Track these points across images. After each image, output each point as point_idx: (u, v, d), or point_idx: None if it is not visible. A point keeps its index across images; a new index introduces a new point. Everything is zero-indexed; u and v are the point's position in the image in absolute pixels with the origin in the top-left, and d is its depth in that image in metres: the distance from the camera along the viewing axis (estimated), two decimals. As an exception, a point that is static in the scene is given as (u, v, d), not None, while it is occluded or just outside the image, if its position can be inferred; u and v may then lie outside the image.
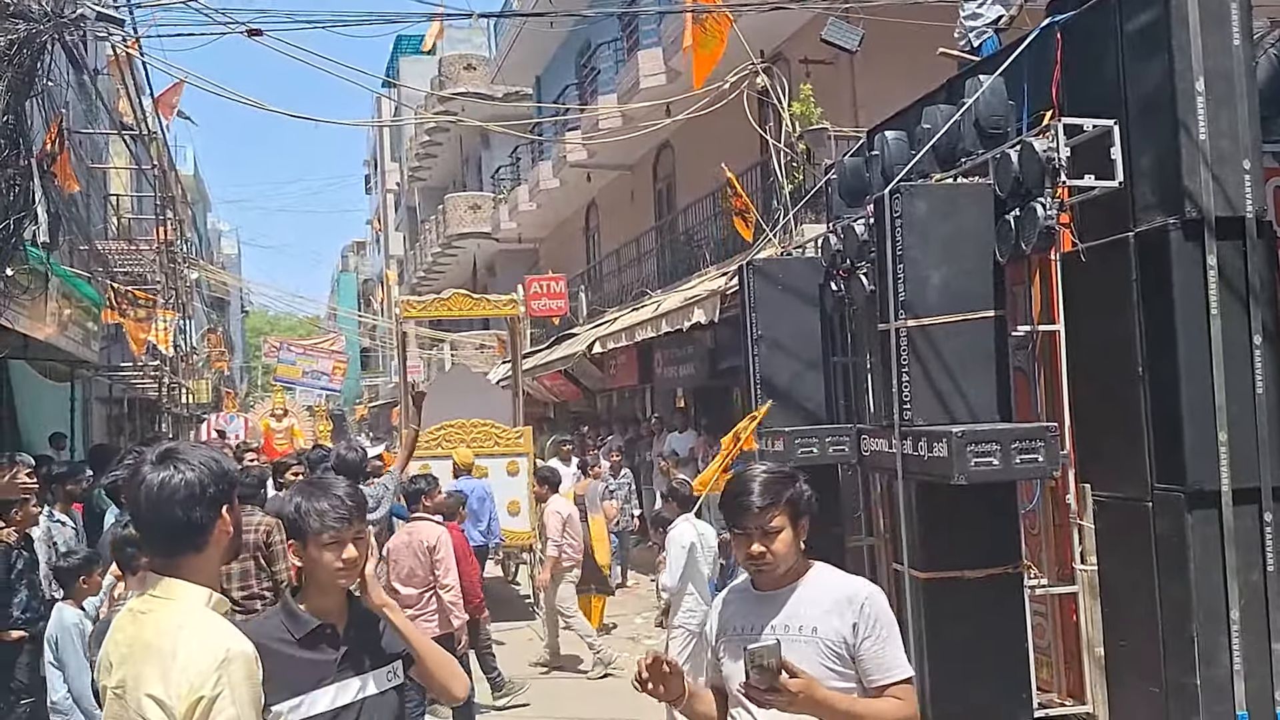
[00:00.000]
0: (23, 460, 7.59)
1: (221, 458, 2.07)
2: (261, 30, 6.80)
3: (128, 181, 19.52)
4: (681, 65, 12.73)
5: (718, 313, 10.12)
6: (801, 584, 2.65)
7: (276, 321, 58.91)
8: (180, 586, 1.98)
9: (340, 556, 2.37)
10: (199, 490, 1.98)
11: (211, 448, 2.15)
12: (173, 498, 1.96)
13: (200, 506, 1.98)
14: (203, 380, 27.54)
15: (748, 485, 2.62)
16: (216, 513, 2.00)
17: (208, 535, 2.00)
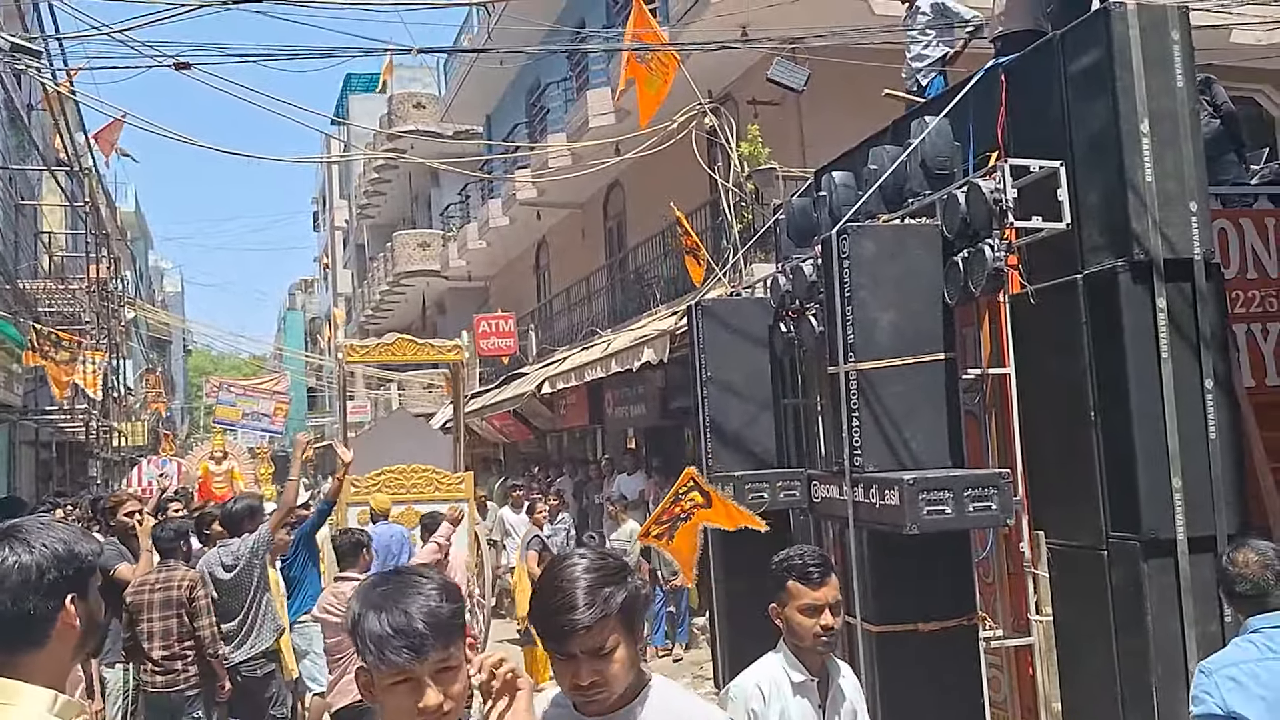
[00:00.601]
0: None
1: (75, 538, 1.80)
2: (190, 64, 6.57)
3: (62, 219, 18.97)
4: (631, 105, 12.70)
5: (668, 352, 9.98)
6: (640, 708, 2.05)
7: (220, 361, 57.76)
8: (18, 690, 1.70)
9: (418, 703, 1.70)
10: (35, 576, 1.71)
11: (67, 527, 1.87)
12: (2, 584, 1.71)
13: (35, 596, 1.71)
14: (138, 422, 26.73)
15: (569, 598, 1.95)
16: (58, 603, 1.73)
17: (47, 629, 1.73)
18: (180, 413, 50.59)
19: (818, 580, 3.03)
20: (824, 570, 3.04)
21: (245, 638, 5.78)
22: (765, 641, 6.74)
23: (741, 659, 6.81)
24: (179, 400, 50.85)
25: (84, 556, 1.79)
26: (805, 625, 3.05)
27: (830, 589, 3.03)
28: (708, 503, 6.06)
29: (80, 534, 1.85)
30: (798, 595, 3.04)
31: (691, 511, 6.08)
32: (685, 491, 6.19)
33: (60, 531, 1.80)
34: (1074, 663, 4.60)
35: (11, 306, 12.38)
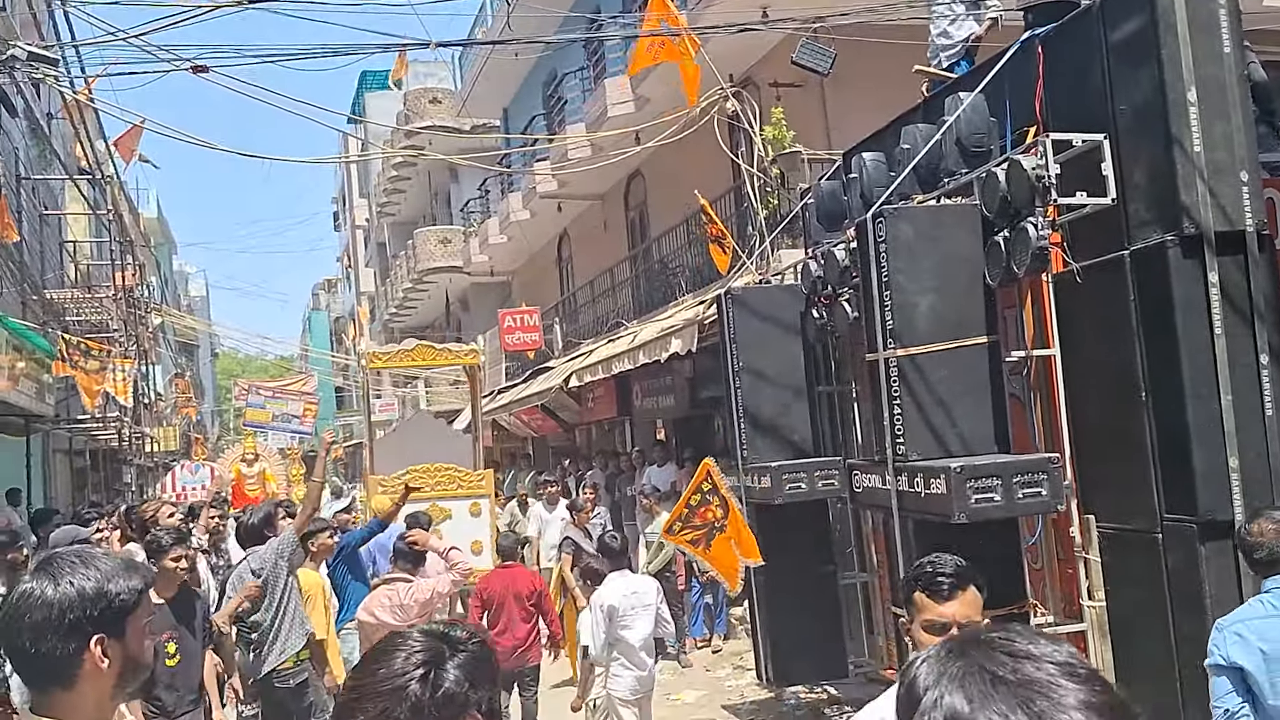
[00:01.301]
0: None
1: (111, 575, 1.70)
2: (208, 67, 6.53)
3: (86, 227, 19.08)
4: (650, 92, 12.58)
5: (696, 342, 9.87)
6: None
7: (248, 363, 58.22)
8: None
9: None
10: (55, 615, 1.63)
11: (109, 560, 1.76)
12: (22, 622, 1.64)
13: (55, 636, 1.63)
14: (170, 427, 26.94)
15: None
16: (81, 644, 1.64)
17: (72, 670, 1.65)
18: (210, 416, 51.06)
19: (946, 593, 2.55)
20: (956, 582, 2.56)
21: (274, 642, 5.70)
22: (806, 631, 6.69)
23: (782, 649, 6.78)
24: (209, 404, 51.33)
25: (115, 595, 1.69)
26: (928, 645, 2.71)
27: (963, 605, 2.53)
28: (726, 510, 5.97)
29: (122, 569, 1.74)
30: (923, 609, 2.56)
31: (723, 523, 5.98)
32: (710, 492, 6.09)
33: (98, 567, 1.71)
34: (1129, 649, 4.49)
35: (40, 317, 12.46)
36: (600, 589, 5.65)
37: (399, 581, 5.43)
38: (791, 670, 6.86)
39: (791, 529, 6.73)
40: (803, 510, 6.64)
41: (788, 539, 6.75)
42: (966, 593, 2.55)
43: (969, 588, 2.56)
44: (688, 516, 6.20)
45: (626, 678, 5.49)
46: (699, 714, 7.34)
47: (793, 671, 6.89)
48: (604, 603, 5.44)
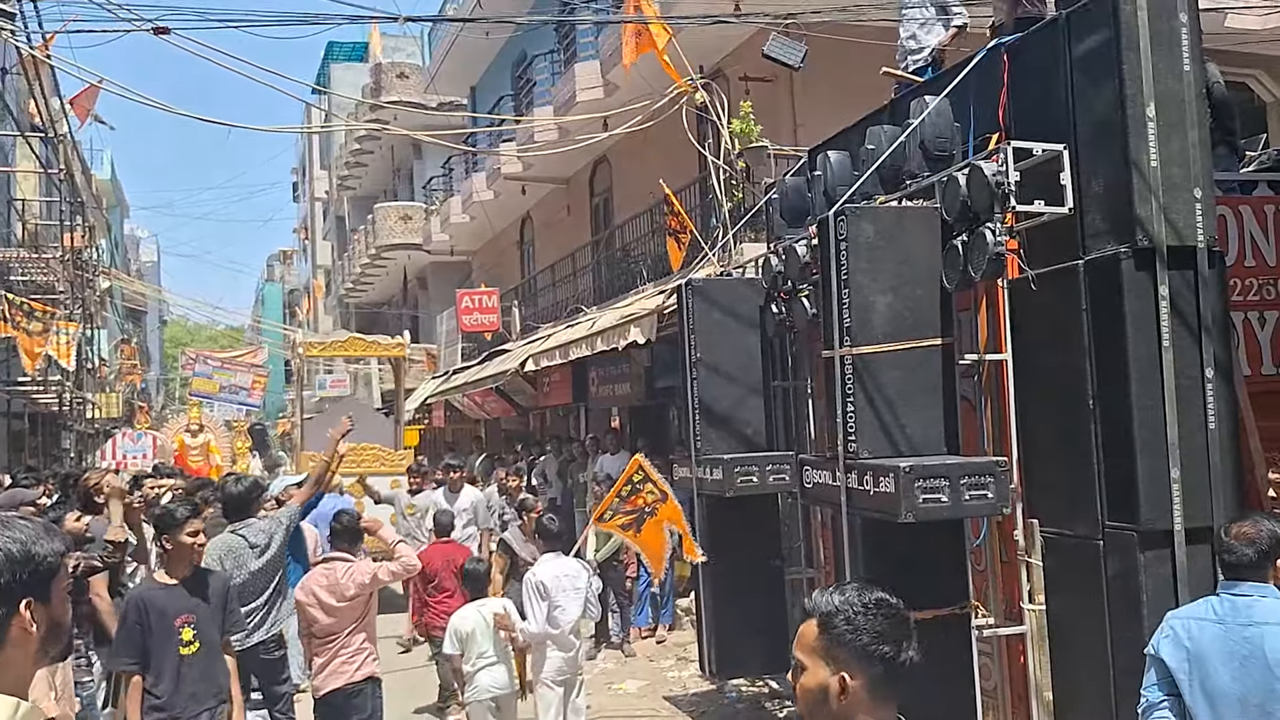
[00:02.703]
0: None
1: (35, 538, 1.67)
2: (169, 28, 6.36)
3: (36, 186, 18.58)
4: (619, 79, 12.52)
5: (655, 332, 9.87)
6: None
7: (197, 332, 57.11)
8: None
9: None
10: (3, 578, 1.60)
11: (29, 524, 1.72)
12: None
13: (2, 594, 1.60)
14: (113, 394, 26.36)
15: None
16: (11, 608, 1.61)
17: (4, 634, 1.61)
18: (156, 384, 50.08)
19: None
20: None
21: (265, 618, 5.65)
22: (751, 624, 6.73)
23: (726, 641, 6.82)
24: (154, 372, 50.34)
25: (42, 558, 1.66)
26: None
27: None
28: (664, 498, 6.05)
29: (43, 532, 1.71)
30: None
31: (655, 507, 6.06)
32: (640, 482, 6.16)
33: (19, 530, 1.67)
34: (1067, 652, 4.57)
35: (-17, 276, 12.12)
36: (534, 568, 5.84)
37: (338, 562, 5.36)
38: (734, 662, 6.90)
39: (741, 522, 6.77)
40: (753, 504, 6.68)
41: (737, 532, 6.79)
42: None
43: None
44: (618, 505, 6.27)
45: (554, 659, 5.61)
46: (640, 704, 7.36)
47: (735, 664, 6.93)
48: (538, 580, 5.50)
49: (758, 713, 7.05)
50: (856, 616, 1.84)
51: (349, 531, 5.58)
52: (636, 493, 6.22)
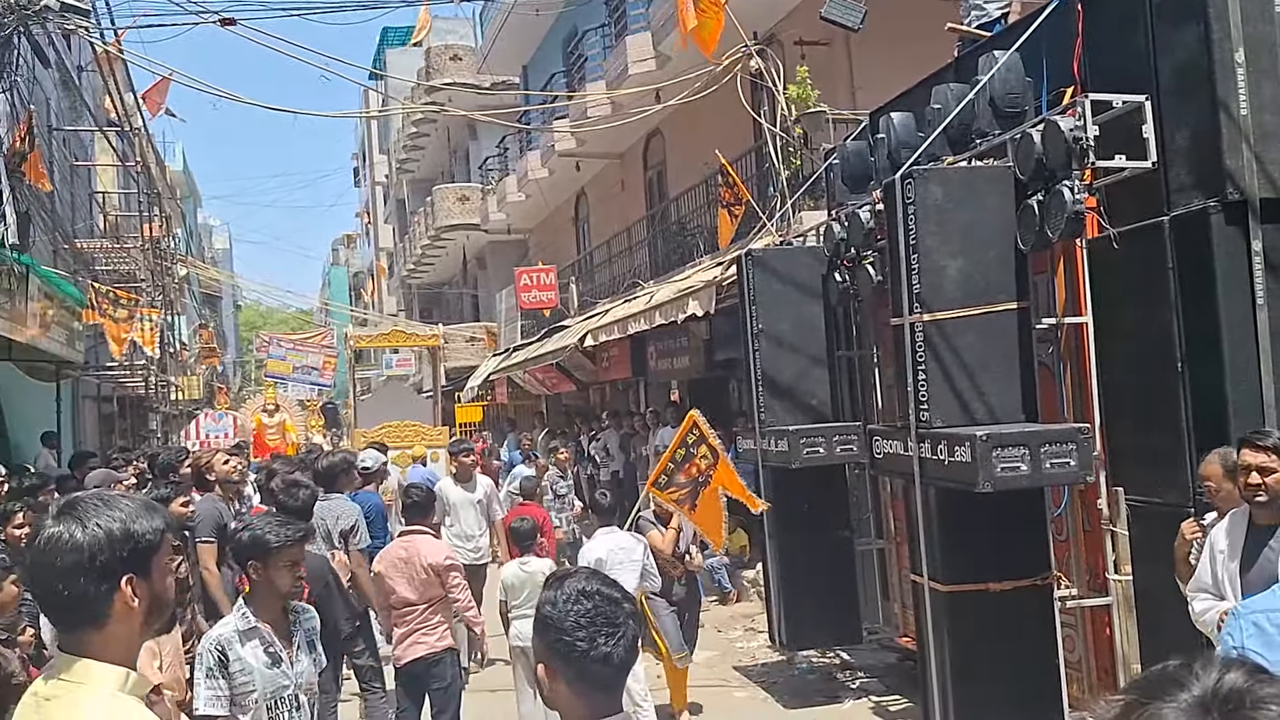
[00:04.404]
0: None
1: (135, 516, 1.69)
2: (235, 20, 6.41)
3: (114, 179, 19.08)
4: (671, 50, 12.35)
5: (714, 304, 9.75)
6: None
7: (269, 315, 58.39)
8: (89, 669, 1.63)
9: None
10: (85, 558, 1.63)
11: (131, 501, 1.75)
12: (53, 565, 1.63)
13: (85, 578, 1.63)
14: (194, 376, 27.09)
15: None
16: (113, 584, 1.64)
17: (104, 610, 1.64)
18: (232, 367, 51.35)
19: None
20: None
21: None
22: (821, 595, 6.65)
23: (796, 613, 6.74)
24: (230, 354, 51.59)
25: (141, 535, 1.69)
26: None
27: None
28: (715, 459, 5.95)
29: (143, 509, 1.73)
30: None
31: (709, 473, 5.96)
32: (695, 444, 6.08)
33: (119, 509, 1.69)
34: (1155, 624, 4.41)
35: (71, 266, 12.47)
36: (588, 543, 5.86)
37: (417, 535, 5.42)
38: (804, 634, 6.83)
39: (808, 493, 6.68)
40: (820, 475, 6.57)
41: (804, 504, 6.69)
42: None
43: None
44: (672, 472, 6.21)
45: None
46: (710, 673, 7.32)
47: (806, 635, 6.86)
48: (592, 556, 5.49)
49: (829, 683, 6.97)
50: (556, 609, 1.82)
51: (420, 506, 5.62)
52: (690, 458, 6.15)
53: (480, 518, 7.97)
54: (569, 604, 1.81)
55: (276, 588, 3.30)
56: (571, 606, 1.81)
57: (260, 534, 3.31)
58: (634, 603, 1.91)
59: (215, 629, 3.38)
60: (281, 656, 3.27)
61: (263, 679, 3.22)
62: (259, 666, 3.23)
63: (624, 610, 1.84)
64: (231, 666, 3.20)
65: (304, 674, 3.34)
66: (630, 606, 1.86)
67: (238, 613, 3.33)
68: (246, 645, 3.23)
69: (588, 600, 1.82)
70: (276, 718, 3.24)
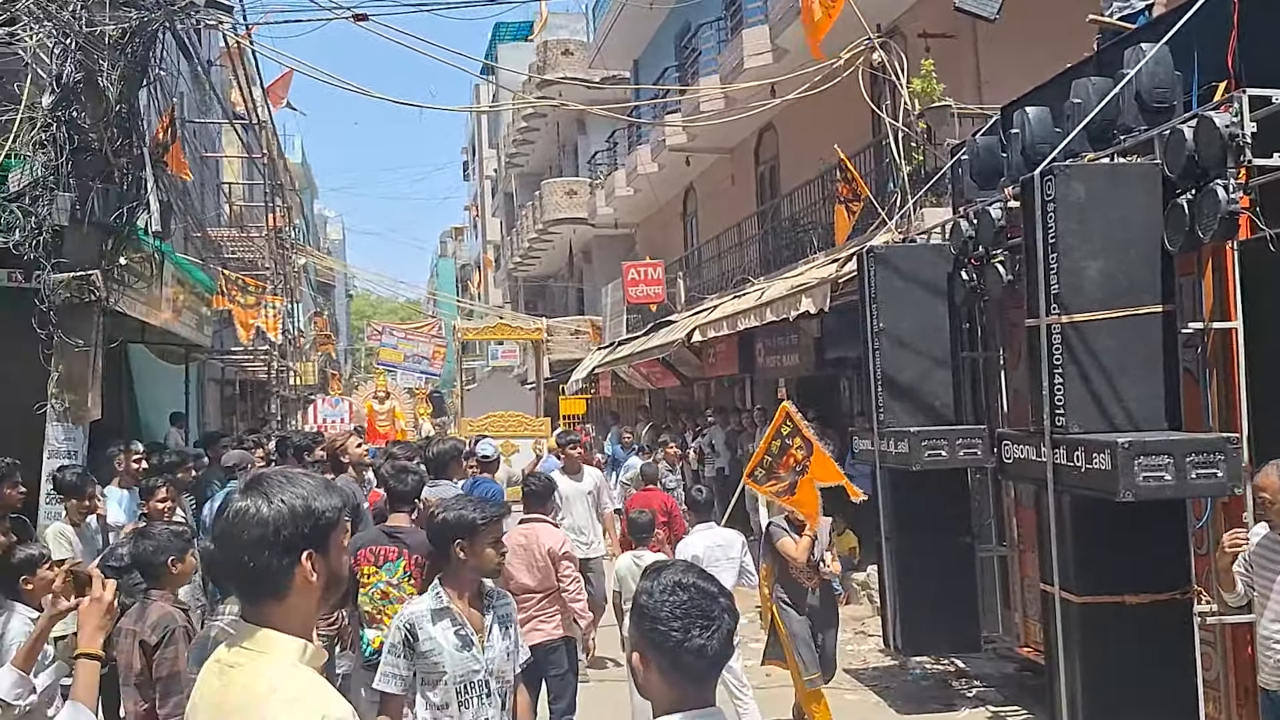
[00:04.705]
0: (132, 448, 7.70)
1: (316, 494, 1.77)
2: (367, 15, 6.64)
3: (239, 170, 19.98)
4: (789, 44, 12.25)
5: (828, 302, 9.65)
6: None
7: (379, 305, 60.24)
8: (270, 639, 1.72)
9: None
10: (270, 532, 1.71)
11: (312, 480, 1.83)
12: (240, 538, 1.72)
13: (269, 552, 1.71)
14: (309, 363, 28.16)
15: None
16: (294, 559, 1.72)
17: (286, 583, 1.73)
18: (344, 354, 53.13)
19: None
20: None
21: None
22: (939, 601, 6.53)
23: (913, 618, 6.63)
24: (342, 342, 53.39)
25: (320, 513, 1.76)
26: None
27: None
28: (809, 450, 5.90)
29: (324, 488, 1.80)
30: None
31: (805, 464, 5.93)
32: (789, 435, 6.06)
33: (303, 486, 1.77)
34: (1305, 646, 4.19)
35: (201, 253, 13.11)
36: (685, 540, 5.85)
37: (536, 523, 5.51)
38: (921, 640, 6.72)
39: (928, 497, 6.56)
40: (941, 478, 6.45)
41: (923, 507, 6.59)
42: None
43: None
44: (770, 465, 6.19)
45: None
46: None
47: (922, 641, 6.75)
48: (688, 553, 5.49)
49: (944, 690, 6.85)
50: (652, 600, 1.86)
51: (539, 495, 5.73)
52: (786, 449, 6.14)
53: (591, 511, 7.90)
54: (664, 595, 1.86)
55: (482, 565, 3.29)
56: (667, 598, 1.86)
57: (464, 513, 3.31)
58: (730, 598, 1.94)
59: (408, 607, 3.39)
60: (472, 640, 3.23)
61: (453, 661, 3.19)
62: (449, 648, 3.20)
63: (719, 604, 1.88)
64: (422, 645, 3.18)
65: (495, 660, 3.26)
66: (726, 601, 1.89)
67: (431, 592, 3.31)
68: (437, 625, 3.21)
69: (683, 592, 1.86)
70: (466, 703, 3.18)
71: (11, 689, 2.56)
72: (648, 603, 1.87)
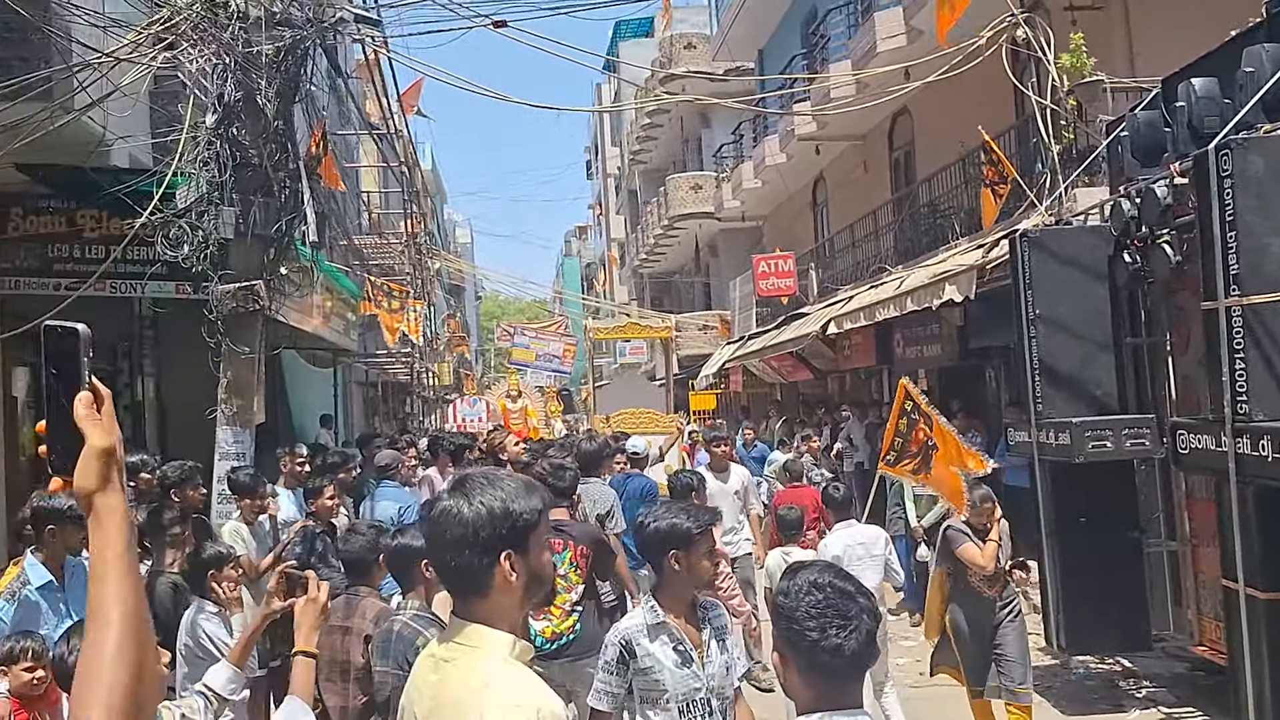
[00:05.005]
0: (297, 450, 8.09)
1: (515, 495, 1.81)
2: (506, 21, 6.79)
3: (376, 179, 20.77)
4: (924, 24, 11.92)
5: (974, 289, 9.35)
6: None
7: (507, 305, 61.66)
8: (483, 634, 1.77)
9: None
10: (470, 533, 1.77)
11: (513, 481, 1.88)
12: (444, 538, 1.79)
13: (469, 551, 1.77)
14: (444, 364, 29.06)
15: None
16: (493, 559, 1.77)
17: (487, 581, 1.78)
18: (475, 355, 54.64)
19: None
20: None
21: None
22: (1105, 599, 6.25)
23: (1078, 616, 6.37)
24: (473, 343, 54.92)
25: (518, 514, 1.80)
26: None
27: None
28: (930, 425, 5.78)
29: (524, 490, 1.85)
30: None
31: (934, 439, 5.80)
32: (912, 410, 5.94)
33: (502, 489, 1.82)
34: None
35: (349, 260, 13.72)
36: (826, 539, 5.75)
37: None
38: (1086, 639, 6.45)
39: (1091, 490, 6.29)
40: (1105, 471, 6.16)
41: (1086, 501, 6.32)
42: None
43: None
44: (901, 445, 6.08)
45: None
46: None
47: (1088, 640, 6.48)
48: (829, 554, 5.39)
49: (1111, 691, 6.55)
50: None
51: (681, 489, 5.77)
52: (914, 425, 6.05)
53: (737, 510, 7.61)
54: (801, 595, 1.87)
55: (697, 576, 3.08)
56: (803, 597, 1.87)
57: (679, 522, 3.09)
58: (870, 598, 1.92)
59: (623, 622, 3.25)
60: (691, 656, 3.02)
61: (673, 679, 3.00)
62: (669, 665, 3.00)
63: (858, 604, 1.86)
64: (641, 662, 3.00)
65: (715, 676, 3.04)
66: (866, 601, 1.88)
67: (645, 605, 3.11)
68: (655, 640, 3.02)
69: (819, 592, 1.87)
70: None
71: (227, 684, 2.73)
72: (785, 602, 1.89)
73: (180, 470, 5.82)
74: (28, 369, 9.84)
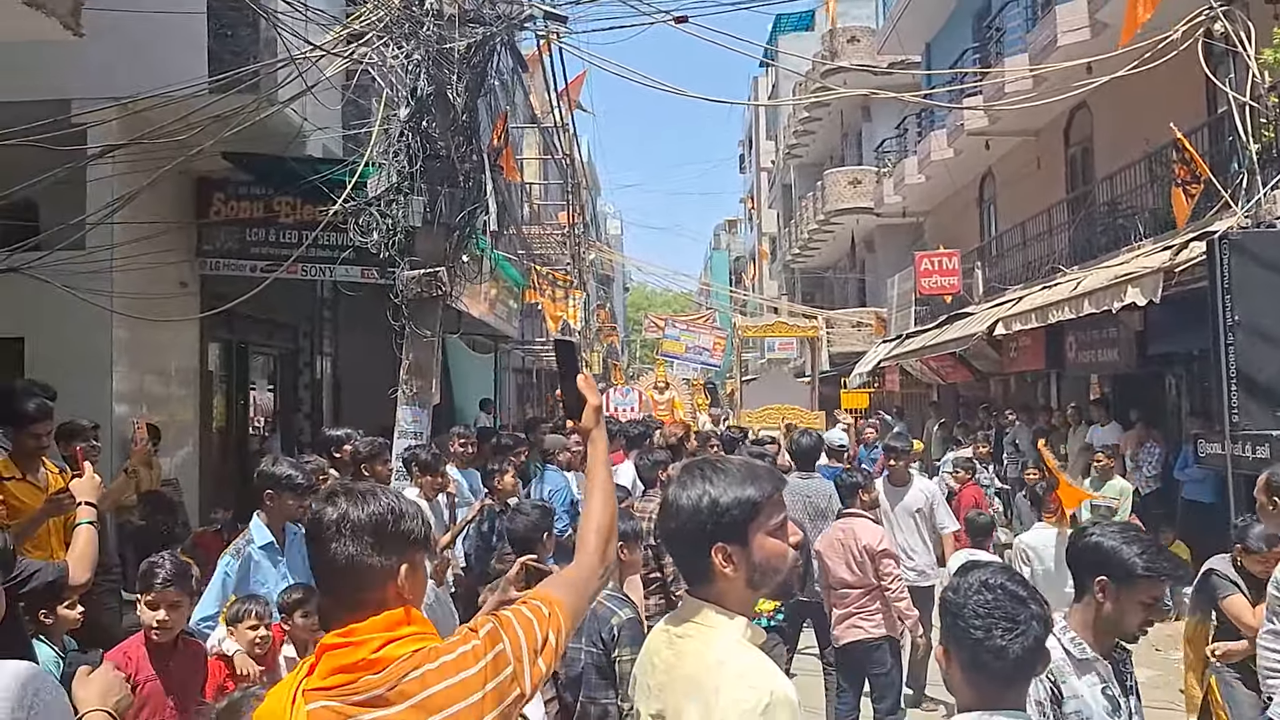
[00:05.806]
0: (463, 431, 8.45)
1: (726, 487, 1.81)
2: (687, 17, 6.90)
3: (536, 170, 21.37)
4: (1109, 17, 11.38)
5: (1159, 293, 8.90)
6: None
7: (654, 297, 62.22)
8: (717, 616, 1.83)
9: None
10: (682, 525, 1.82)
11: (732, 469, 1.86)
12: (668, 527, 1.86)
13: (684, 542, 1.83)
14: (594, 353, 29.62)
15: None
16: (705, 551, 1.82)
17: (706, 572, 1.83)
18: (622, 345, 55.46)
19: None
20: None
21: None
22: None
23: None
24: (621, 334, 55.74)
25: (727, 509, 1.80)
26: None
27: None
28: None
29: (740, 479, 1.84)
30: None
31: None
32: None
33: (715, 483, 1.83)
34: None
35: (516, 250, 14.21)
36: (1022, 535, 5.77)
37: (855, 519, 5.50)
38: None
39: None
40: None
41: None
42: None
43: None
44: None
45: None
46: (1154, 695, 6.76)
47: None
48: (1025, 544, 5.27)
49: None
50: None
51: (847, 487, 5.73)
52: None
53: (923, 530, 6.70)
54: (971, 593, 1.87)
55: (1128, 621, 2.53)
56: (973, 596, 1.87)
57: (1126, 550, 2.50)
58: (1044, 605, 1.88)
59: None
60: (1120, 704, 2.51)
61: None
62: (1098, 709, 2.47)
63: (1028, 610, 1.85)
64: (1066, 706, 2.44)
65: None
66: (1038, 608, 1.85)
67: (1067, 636, 2.53)
68: (1083, 679, 2.49)
69: (989, 592, 1.87)
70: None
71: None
72: (954, 599, 1.90)
73: (371, 445, 6.21)
74: (219, 345, 10.64)
